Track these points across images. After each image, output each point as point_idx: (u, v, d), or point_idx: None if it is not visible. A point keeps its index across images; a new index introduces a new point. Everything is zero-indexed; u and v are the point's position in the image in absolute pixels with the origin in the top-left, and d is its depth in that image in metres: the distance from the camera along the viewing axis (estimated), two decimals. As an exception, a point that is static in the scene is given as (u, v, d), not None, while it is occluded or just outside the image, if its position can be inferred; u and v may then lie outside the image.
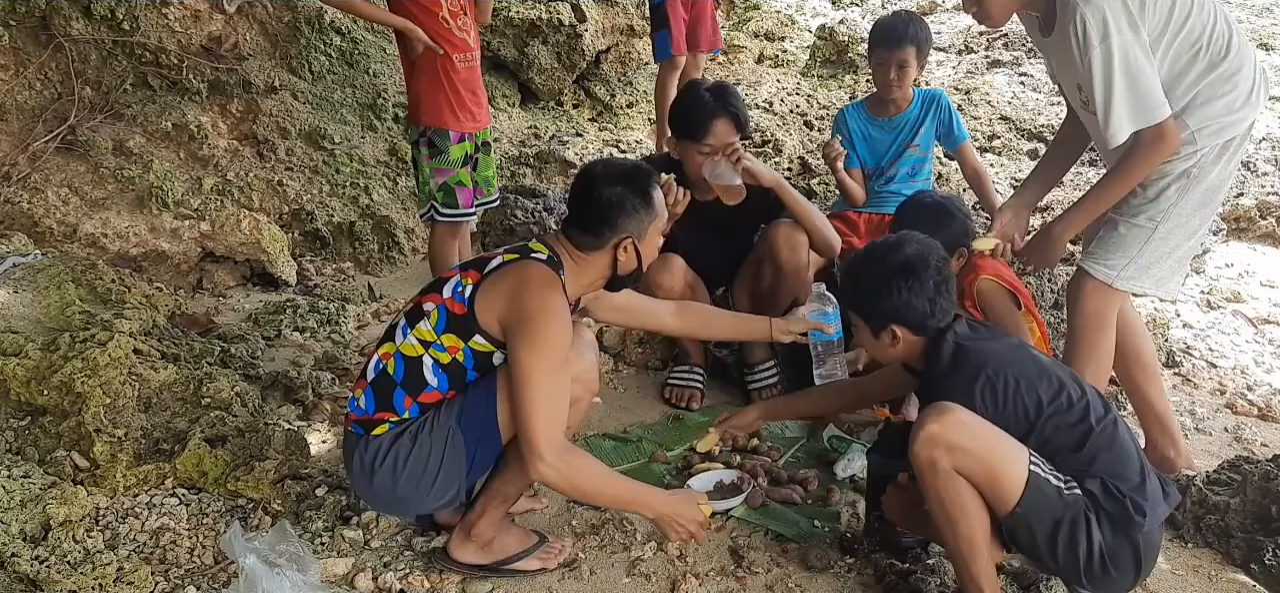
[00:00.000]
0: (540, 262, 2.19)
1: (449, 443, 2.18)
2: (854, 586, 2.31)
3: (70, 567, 2.18)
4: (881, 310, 2.15)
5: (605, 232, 2.25)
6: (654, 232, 2.33)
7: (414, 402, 2.20)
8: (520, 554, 2.32)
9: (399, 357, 2.21)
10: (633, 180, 2.28)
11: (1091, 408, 2.02)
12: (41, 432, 2.63)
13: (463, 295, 2.17)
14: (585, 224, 2.27)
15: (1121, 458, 2.00)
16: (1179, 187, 2.40)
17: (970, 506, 1.97)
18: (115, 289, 3.33)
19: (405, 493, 2.21)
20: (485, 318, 2.15)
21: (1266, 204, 4.83)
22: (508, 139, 5.46)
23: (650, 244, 2.33)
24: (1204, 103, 2.36)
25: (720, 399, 3.29)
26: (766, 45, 7.11)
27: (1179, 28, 2.32)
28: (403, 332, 2.22)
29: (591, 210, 2.26)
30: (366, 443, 2.20)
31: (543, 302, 2.11)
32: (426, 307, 2.21)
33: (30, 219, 3.72)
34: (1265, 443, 3.10)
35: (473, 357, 2.18)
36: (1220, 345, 3.83)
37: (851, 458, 2.78)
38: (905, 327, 2.14)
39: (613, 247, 2.26)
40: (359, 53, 4.90)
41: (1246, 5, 7.56)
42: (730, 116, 3.03)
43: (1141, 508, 1.96)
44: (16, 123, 3.91)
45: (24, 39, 3.95)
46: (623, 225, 2.25)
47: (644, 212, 2.27)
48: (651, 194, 2.29)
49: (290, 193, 4.33)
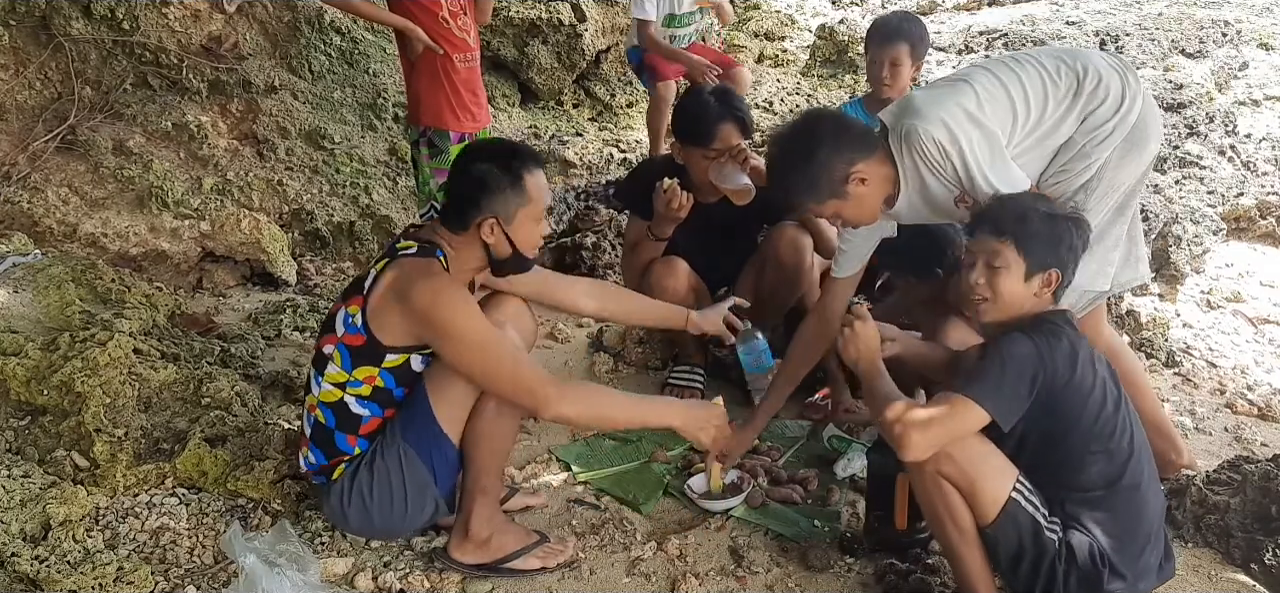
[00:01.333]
0: (410, 256, 2.17)
1: (404, 463, 2.21)
2: (854, 586, 2.31)
3: (70, 567, 2.17)
4: (1057, 251, 2.06)
5: (469, 211, 2.15)
6: (526, 218, 2.18)
7: (357, 437, 2.23)
8: (519, 552, 2.31)
9: (322, 406, 2.23)
10: (502, 159, 2.17)
11: (1128, 469, 1.99)
12: (41, 432, 2.63)
13: (356, 325, 2.16)
14: (452, 204, 2.20)
15: (1130, 525, 1.99)
16: (1079, 198, 2.39)
17: (958, 507, 1.98)
18: (115, 289, 3.33)
19: (384, 523, 2.27)
20: (387, 337, 2.14)
21: (1266, 204, 4.82)
22: (508, 139, 5.46)
23: (522, 230, 2.19)
24: (1086, 119, 2.37)
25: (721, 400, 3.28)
26: (766, 45, 7.12)
27: (1024, 100, 2.33)
28: (316, 382, 2.24)
29: (459, 189, 2.19)
30: (330, 490, 2.25)
31: (430, 291, 2.08)
32: (326, 349, 2.21)
33: (30, 219, 3.72)
34: (1265, 443, 3.10)
35: (391, 376, 2.19)
36: (1220, 345, 3.82)
37: (851, 458, 2.78)
38: (1062, 279, 2.07)
39: (476, 228, 2.16)
40: (359, 52, 4.91)
41: (1246, 5, 7.56)
42: (735, 120, 3.04)
43: (1121, 575, 1.96)
44: (16, 122, 3.91)
45: (24, 39, 3.95)
46: (485, 205, 2.14)
47: (511, 192, 2.15)
48: (523, 176, 2.16)
49: (290, 193, 4.33)
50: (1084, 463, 1.98)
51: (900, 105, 2.41)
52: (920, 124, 2.26)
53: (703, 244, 3.20)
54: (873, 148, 2.33)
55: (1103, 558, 1.95)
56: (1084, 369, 1.99)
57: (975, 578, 2.03)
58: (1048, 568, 1.96)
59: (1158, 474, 2.15)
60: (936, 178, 2.32)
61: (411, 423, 2.20)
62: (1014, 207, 2.11)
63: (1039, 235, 2.05)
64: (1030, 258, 2.05)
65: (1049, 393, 1.96)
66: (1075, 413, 1.98)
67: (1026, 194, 2.21)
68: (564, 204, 4.79)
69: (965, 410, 1.94)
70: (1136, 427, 2.07)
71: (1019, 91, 2.33)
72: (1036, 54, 2.46)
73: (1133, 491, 1.99)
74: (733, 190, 2.99)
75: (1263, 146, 5.42)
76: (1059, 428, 1.98)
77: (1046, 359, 1.95)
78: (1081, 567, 1.95)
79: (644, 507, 2.59)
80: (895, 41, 3.39)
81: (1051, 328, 2.00)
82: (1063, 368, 1.96)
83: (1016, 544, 1.97)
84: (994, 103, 2.31)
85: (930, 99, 2.33)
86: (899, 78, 3.42)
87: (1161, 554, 2.06)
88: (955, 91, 2.32)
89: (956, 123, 2.25)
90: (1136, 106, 2.39)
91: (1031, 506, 1.97)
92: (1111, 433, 1.99)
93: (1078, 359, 1.98)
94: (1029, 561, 1.97)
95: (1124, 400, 2.06)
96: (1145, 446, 2.08)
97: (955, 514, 1.98)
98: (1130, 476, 1.99)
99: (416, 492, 2.23)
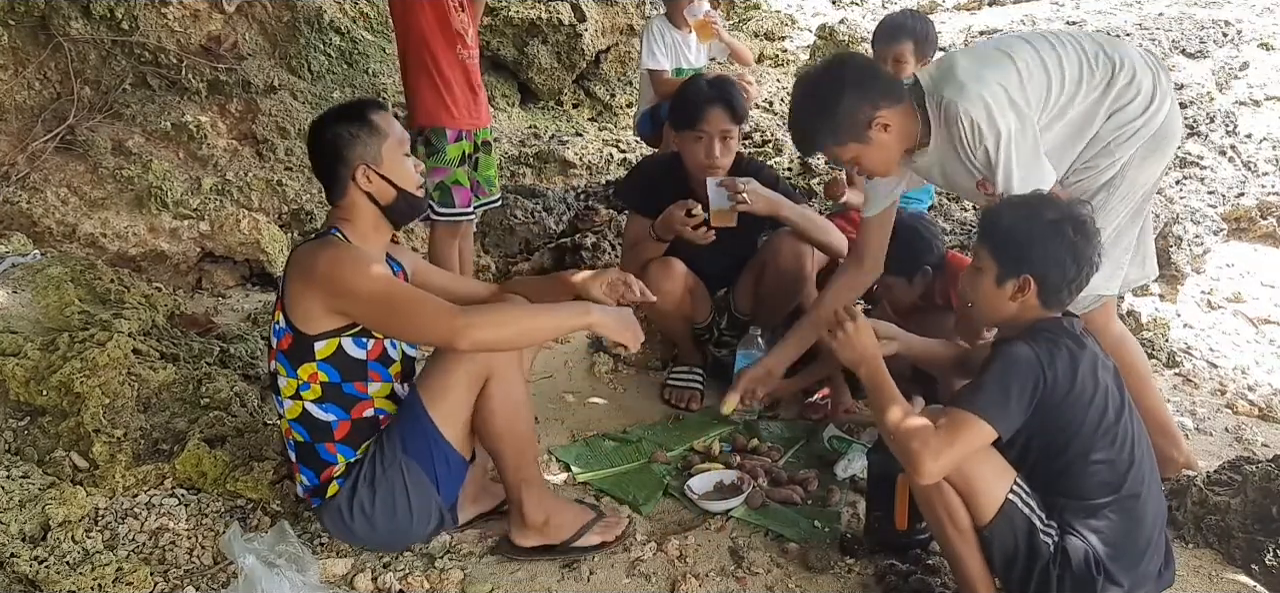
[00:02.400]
0: (307, 244, 2.22)
1: (407, 477, 2.21)
2: (854, 586, 2.30)
3: (69, 567, 2.17)
4: (1028, 256, 1.99)
5: (339, 172, 2.18)
6: (391, 150, 2.20)
7: (335, 444, 2.23)
8: (581, 531, 2.33)
9: (293, 425, 2.24)
10: (345, 114, 2.21)
11: (1129, 477, 1.97)
12: (40, 432, 2.63)
13: (282, 327, 2.19)
14: (322, 175, 2.23)
15: (1129, 532, 1.97)
16: (1102, 197, 2.39)
17: (957, 508, 1.97)
18: (114, 289, 3.32)
19: (387, 536, 2.28)
20: (310, 325, 2.16)
21: (1267, 204, 4.82)
22: (508, 139, 5.46)
23: (393, 164, 2.21)
24: (1113, 115, 2.37)
25: (719, 400, 3.28)
26: (766, 45, 7.11)
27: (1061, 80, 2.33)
28: (279, 405, 2.26)
29: (322, 158, 2.21)
30: (327, 507, 2.25)
31: (327, 258, 2.12)
32: (273, 367, 2.25)
33: (29, 219, 3.72)
34: (1266, 443, 3.10)
35: (331, 368, 2.19)
36: (1220, 345, 3.82)
37: (851, 458, 2.77)
38: (1041, 286, 2.00)
39: (352, 182, 2.18)
40: (358, 52, 4.90)
41: (1246, 5, 7.55)
42: (723, 104, 3.03)
43: (1117, 582, 1.95)
44: (16, 123, 3.91)
45: (23, 39, 3.95)
46: (349, 158, 2.17)
47: (366, 136, 2.17)
48: (370, 117, 2.19)
49: (290, 193, 4.32)
50: (1084, 472, 1.97)
51: (942, 69, 2.37)
52: (961, 102, 2.24)
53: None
54: (899, 96, 2.32)
55: (1098, 565, 1.94)
56: (1084, 379, 1.96)
57: (975, 579, 2.03)
58: (1041, 571, 1.95)
59: (1160, 478, 2.13)
60: (963, 157, 2.31)
61: (411, 435, 2.20)
62: (995, 210, 2.10)
63: (1013, 240, 2.01)
64: (1001, 263, 2.03)
65: (1048, 403, 1.95)
66: (1075, 423, 1.96)
67: (1026, 196, 2.15)
68: (564, 204, 4.79)
69: (972, 429, 1.91)
70: (1139, 435, 2.04)
71: (1057, 71, 2.32)
72: (1078, 36, 2.43)
73: (1133, 499, 1.98)
74: (717, 210, 3.00)
75: (1263, 147, 5.41)
76: (1059, 438, 1.97)
77: (1046, 369, 1.93)
78: (1076, 572, 1.94)
79: (644, 507, 2.59)
80: (899, 39, 3.38)
81: (1049, 337, 1.98)
82: (1062, 378, 1.94)
83: (1011, 546, 1.96)
84: (1032, 82, 2.29)
85: (973, 72, 2.29)
86: (901, 76, 3.40)
87: (1161, 561, 2.05)
88: (999, 68, 2.29)
89: (998, 106, 2.23)
90: (1164, 108, 2.39)
91: (1028, 508, 1.96)
92: (1112, 442, 1.97)
93: (1078, 369, 1.96)
94: (1022, 563, 1.97)
95: (1127, 408, 2.03)
96: (1148, 453, 2.06)
97: (954, 515, 1.98)
98: (1131, 484, 1.98)
99: (421, 504, 2.23)
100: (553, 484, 2.70)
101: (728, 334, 3.38)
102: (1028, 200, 2.09)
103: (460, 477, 2.30)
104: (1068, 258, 1.99)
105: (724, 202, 3.00)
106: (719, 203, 3.00)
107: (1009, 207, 2.09)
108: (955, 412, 1.94)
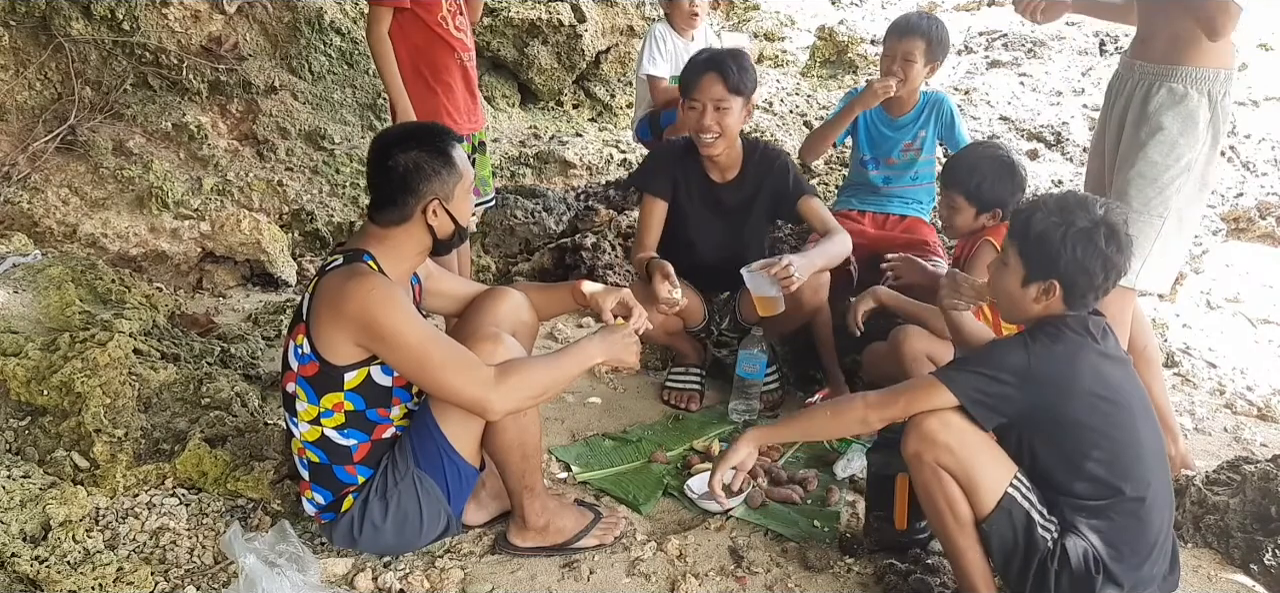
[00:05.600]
0: (336, 268, 2.12)
1: (420, 490, 2.21)
2: (854, 586, 2.31)
3: (70, 567, 2.18)
4: (1057, 262, 1.94)
5: (409, 200, 2.12)
6: (463, 189, 2.18)
7: (355, 465, 2.21)
8: (580, 534, 2.36)
9: (310, 446, 2.21)
10: (428, 141, 2.14)
11: (1133, 478, 1.95)
12: (41, 432, 2.63)
13: (306, 354, 2.12)
14: (386, 198, 2.14)
15: (1133, 535, 1.97)
16: (1182, 178, 2.42)
17: (957, 499, 1.98)
18: (115, 289, 3.33)
19: (398, 542, 2.28)
20: (338, 357, 2.10)
21: (1266, 204, 4.82)
22: (507, 139, 5.46)
23: (461, 202, 2.18)
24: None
25: (719, 400, 3.29)
26: (766, 45, 7.11)
27: None
28: (293, 425, 2.22)
29: (390, 182, 2.12)
30: (340, 522, 2.24)
31: (361, 293, 2.03)
32: (289, 388, 2.19)
33: (30, 219, 3.73)
34: (1265, 443, 3.10)
35: (358, 397, 2.15)
36: (1219, 345, 3.82)
37: (851, 458, 2.78)
38: (1067, 291, 1.96)
39: (421, 214, 2.14)
40: (359, 53, 4.90)
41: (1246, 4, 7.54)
42: (717, 70, 2.96)
43: (1117, 583, 1.95)
44: (16, 123, 3.92)
45: (24, 39, 3.95)
46: (426, 189, 2.11)
47: (446, 172, 2.13)
48: (450, 152, 2.14)
49: (290, 193, 4.33)
50: (1081, 470, 1.96)
51: None
52: None
53: (708, 227, 3.18)
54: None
55: (1098, 564, 1.94)
56: (1083, 375, 1.94)
57: (974, 574, 2.03)
58: (1038, 567, 1.95)
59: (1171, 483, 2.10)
60: None
61: (423, 449, 2.19)
62: (1027, 209, 2.05)
63: (1044, 245, 1.96)
64: (1029, 266, 2.00)
65: (1041, 397, 1.95)
66: (1071, 419, 1.95)
67: (1060, 198, 2.03)
68: (564, 205, 4.78)
69: (929, 390, 2.01)
70: (1150, 439, 2.00)
71: None
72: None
73: (1138, 502, 1.96)
74: (760, 299, 2.87)
75: (1263, 147, 5.42)
76: (1057, 433, 1.97)
77: (1033, 362, 1.94)
78: (1074, 570, 1.94)
79: (644, 507, 2.59)
80: (909, 36, 3.32)
81: (1053, 331, 1.98)
82: (1056, 372, 1.94)
83: (1010, 540, 1.97)
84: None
85: None
86: (910, 75, 3.34)
87: (1166, 566, 2.03)
88: None
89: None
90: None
91: (1028, 502, 1.97)
92: (1115, 441, 1.95)
93: (1077, 364, 1.95)
94: (1020, 557, 1.97)
95: (1139, 410, 2.00)
96: (1159, 456, 2.02)
97: (954, 507, 1.98)
98: (1135, 486, 1.95)
99: (432, 513, 2.24)
100: (553, 484, 2.71)
101: (728, 335, 3.38)
102: (1062, 203, 1.99)
103: (470, 487, 2.30)
104: (1097, 266, 1.94)
105: (767, 289, 2.81)
106: (761, 290, 2.83)
107: (1042, 208, 2.00)
108: (929, 376, 2.07)
